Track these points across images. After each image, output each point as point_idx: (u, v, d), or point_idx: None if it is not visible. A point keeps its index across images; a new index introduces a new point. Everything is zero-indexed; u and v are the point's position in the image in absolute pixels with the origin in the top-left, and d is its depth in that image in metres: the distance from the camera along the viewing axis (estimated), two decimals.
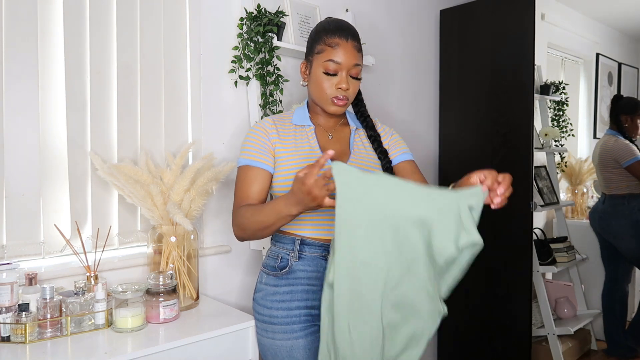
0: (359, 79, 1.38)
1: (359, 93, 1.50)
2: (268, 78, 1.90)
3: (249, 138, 1.39)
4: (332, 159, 1.16)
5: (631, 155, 2.99)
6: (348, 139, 1.44)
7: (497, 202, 1.11)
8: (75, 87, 1.59)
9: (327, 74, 1.34)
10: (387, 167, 1.41)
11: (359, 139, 1.44)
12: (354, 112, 1.53)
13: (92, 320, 1.38)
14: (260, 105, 1.90)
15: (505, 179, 1.11)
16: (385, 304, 1.12)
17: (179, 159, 1.65)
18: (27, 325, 1.27)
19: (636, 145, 3.05)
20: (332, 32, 1.36)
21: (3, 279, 1.30)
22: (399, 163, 1.46)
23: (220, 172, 1.67)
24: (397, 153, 1.47)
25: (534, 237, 2.81)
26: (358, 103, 1.51)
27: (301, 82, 1.45)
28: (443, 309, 1.17)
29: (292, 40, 2.03)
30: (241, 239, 1.36)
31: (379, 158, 1.42)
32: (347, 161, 1.37)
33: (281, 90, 1.93)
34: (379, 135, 1.46)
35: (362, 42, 2.30)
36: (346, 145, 1.42)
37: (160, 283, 1.45)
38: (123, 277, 1.62)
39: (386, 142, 1.47)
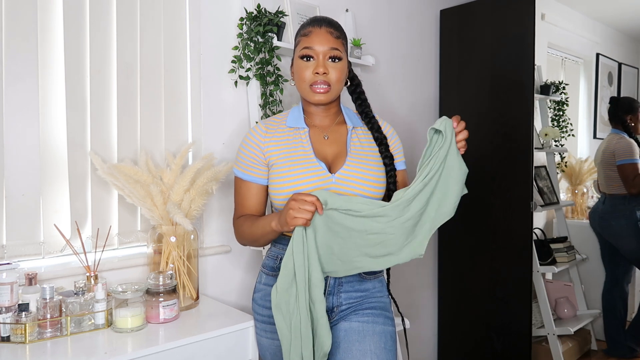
0: (340, 60, 1.34)
1: (362, 93, 1.46)
2: (268, 78, 1.90)
3: (241, 148, 1.40)
4: (327, 163, 1.36)
5: (629, 155, 2.98)
6: (345, 138, 1.40)
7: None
8: (75, 87, 1.59)
9: (303, 58, 1.33)
10: (392, 174, 1.37)
11: (357, 139, 1.40)
12: (355, 112, 1.49)
13: (92, 320, 1.38)
14: (260, 105, 1.90)
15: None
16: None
17: (179, 159, 1.65)
18: (27, 325, 1.27)
19: None
20: (306, 24, 1.37)
21: (3, 279, 1.30)
22: None
23: (220, 172, 1.67)
24: (395, 160, 1.43)
25: (534, 237, 2.81)
26: (362, 103, 1.46)
27: (290, 82, 1.44)
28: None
29: (292, 40, 2.03)
30: (243, 245, 1.46)
31: (385, 163, 1.37)
32: (343, 163, 1.34)
33: (281, 90, 1.93)
34: (385, 138, 1.41)
35: (362, 42, 2.33)
36: (343, 146, 1.38)
37: (160, 283, 1.45)
38: (123, 277, 1.62)
39: (390, 146, 1.43)
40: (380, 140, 1.40)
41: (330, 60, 1.33)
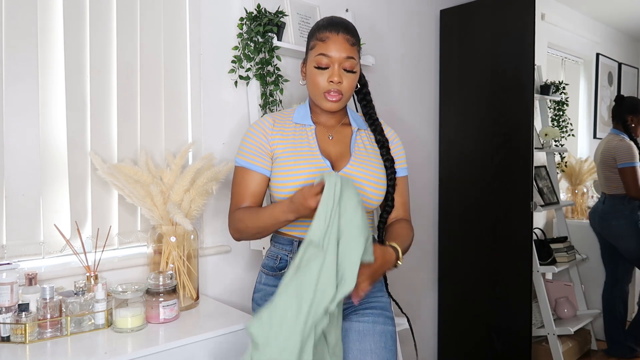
0: (354, 72, 1.34)
1: (368, 94, 1.47)
2: (268, 78, 1.90)
3: (247, 138, 1.38)
4: (330, 162, 1.33)
5: (630, 158, 2.98)
6: (349, 139, 1.41)
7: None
8: (75, 87, 1.59)
9: (318, 68, 1.32)
10: (392, 177, 1.38)
11: (360, 140, 1.41)
12: (360, 113, 1.50)
13: (92, 320, 1.38)
14: (260, 105, 1.90)
15: None
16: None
17: (179, 159, 1.65)
18: (27, 325, 1.27)
19: None
20: (323, 27, 1.35)
21: (3, 279, 1.30)
22: None
23: (220, 172, 1.67)
24: (396, 167, 1.43)
25: (534, 237, 2.81)
26: (367, 104, 1.46)
27: (300, 81, 1.45)
28: None
29: (292, 40, 2.03)
30: (238, 239, 1.40)
31: (385, 166, 1.38)
32: (347, 163, 1.35)
33: (281, 90, 1.93)
34: (387, 141, 1.42)
35: (362, 42, 2.32)
36: (346, 147, 1.39)
37: (160, 283, 1.45)
38: (123, 277, 1.62)
39: (392, 150, 1.43)
40: (382, 143, 1.41)
41: (345, 71, 1.33)
